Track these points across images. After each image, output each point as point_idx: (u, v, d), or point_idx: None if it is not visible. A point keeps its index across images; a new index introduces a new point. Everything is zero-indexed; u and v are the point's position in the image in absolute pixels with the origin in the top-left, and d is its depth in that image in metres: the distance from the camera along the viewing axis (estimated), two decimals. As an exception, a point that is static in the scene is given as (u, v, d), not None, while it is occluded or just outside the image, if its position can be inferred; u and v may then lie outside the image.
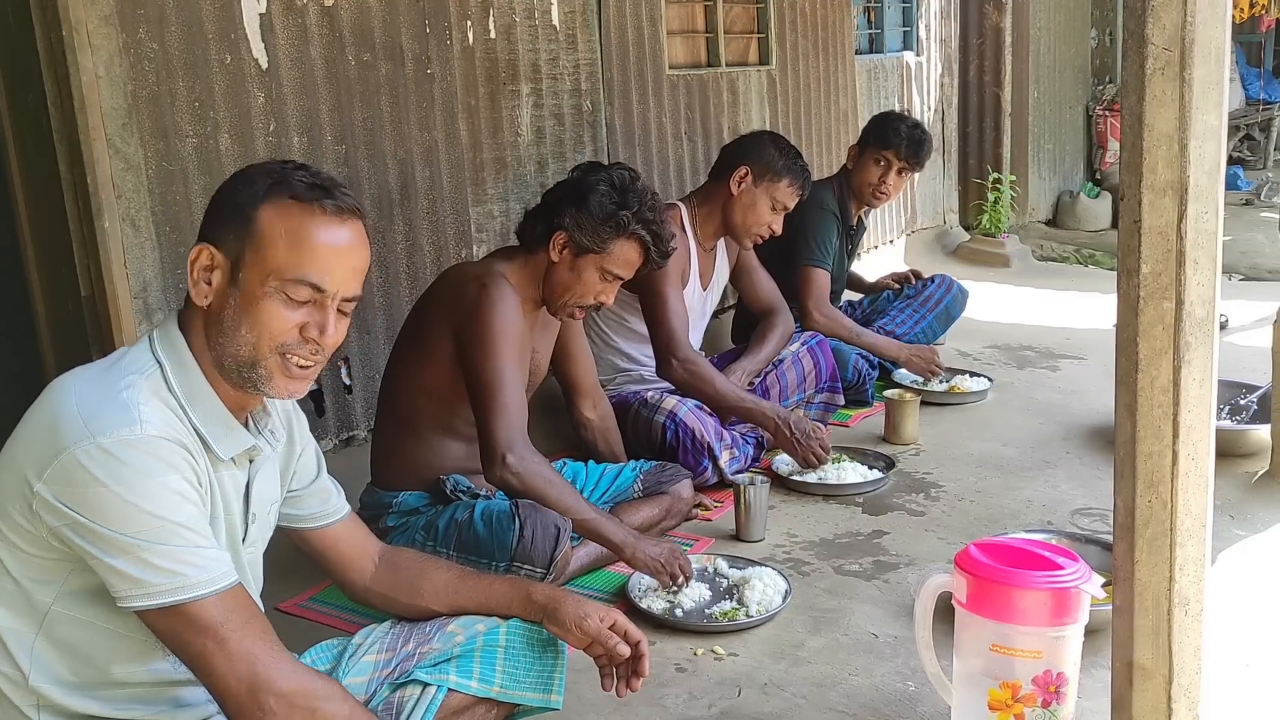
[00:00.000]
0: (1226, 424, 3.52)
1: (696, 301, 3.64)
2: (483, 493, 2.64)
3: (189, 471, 1.44)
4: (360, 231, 1.57)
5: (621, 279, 2.73)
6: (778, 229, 3.60)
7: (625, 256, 2.69)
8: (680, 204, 3.63)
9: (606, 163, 2.85)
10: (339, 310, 1.54)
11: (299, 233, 1.49)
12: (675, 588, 2.56)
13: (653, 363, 3.42)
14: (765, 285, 3.87)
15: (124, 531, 1.37)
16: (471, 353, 2.55)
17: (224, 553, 1.47)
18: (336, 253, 1.52)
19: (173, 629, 1.41)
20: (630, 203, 2.66)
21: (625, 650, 1.78)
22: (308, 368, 1.55)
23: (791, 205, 3.59)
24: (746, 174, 3.52)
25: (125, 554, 1.37)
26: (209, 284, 1.52)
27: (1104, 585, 2.00)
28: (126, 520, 1.37)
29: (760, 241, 3.63)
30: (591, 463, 3.03)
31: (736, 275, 3.87)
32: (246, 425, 1.61)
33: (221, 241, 1.51)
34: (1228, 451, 3.32)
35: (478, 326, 2.54)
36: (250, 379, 1.53)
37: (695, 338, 3.68)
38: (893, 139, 4.16)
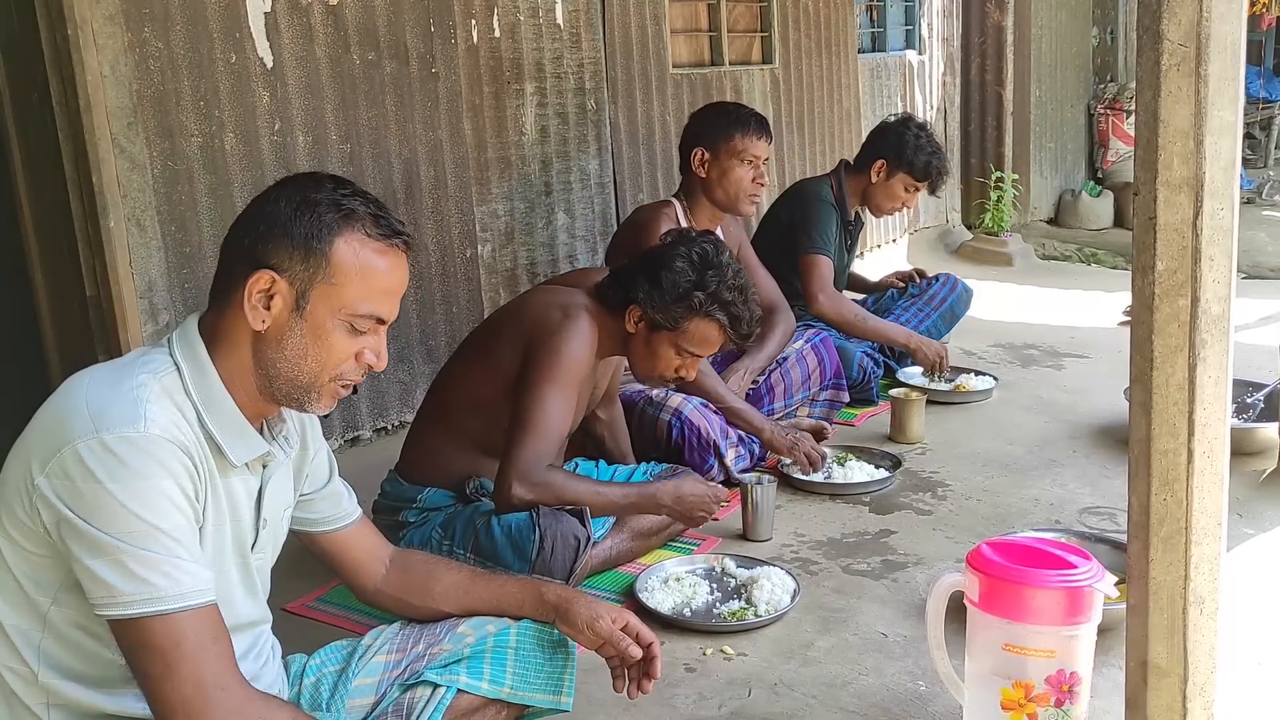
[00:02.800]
0: (1234, 422, 3.51)
1: None
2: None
3: (185, 478, 1.42)
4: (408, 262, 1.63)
5: (700, 356, 2.66)
6: (763, 181, 3.57)
7: (702, 335, 2.61)
8: (674, 200, 3.62)
9: (693, 232, 2.76)
10: None
11: (372, 270, 1.54)
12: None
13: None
14: (765, 283, 3.86)
15: (109, 531, 1.35)
16: (530, 374, 2.51)
17: (203, 569, 1.43)
18: (400, 288, 1.59)
19: (129, 640, 1.39)
20: (708, 281, 2.56)
21: (637, 652, 1.77)
22: (348, 386, 1.60)
23: (762, 152, 3.55)
24: (702, 153, 3.53)
25: (105, 556, 1.35)
26: (267, 309, 1.52)
27: (1116, 584, 2.00)
28: (114, 519, 1.35)
29: (757, 200, 3.60)
30: (603, 464, 3.02)
31: None
32: (261, 432, 1.61)
33: (285, 269, 1.51)
34: (1235, 450, 3.26)
35: (546, 354, 2.50)
36: (299, 399, 1.57)
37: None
38: (932, 173, 4.18)
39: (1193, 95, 1.48)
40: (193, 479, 1.45)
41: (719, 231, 3.71)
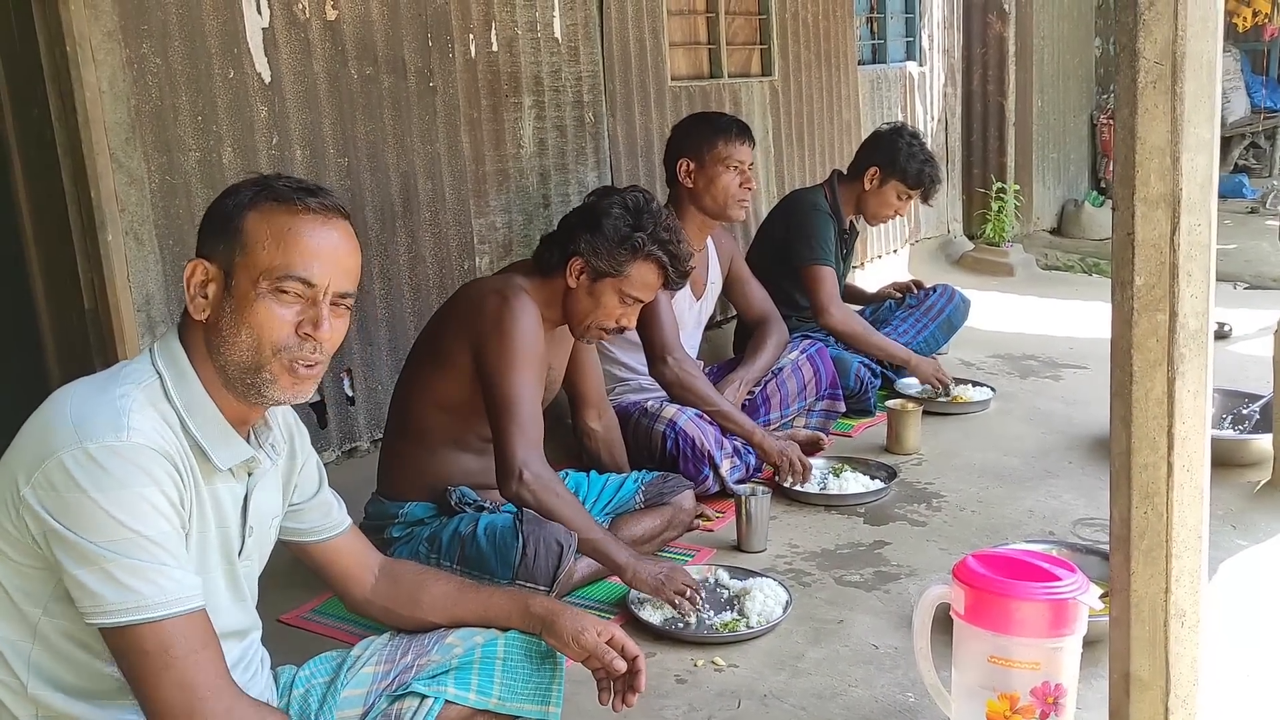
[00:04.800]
0: (1229, 433, 3.52)
1: (688, 310, 3.63)
2: (488, 505, 2.64)
3: (169, 485, 1.44)
4: (346, 230, 1.59)
5: (641, 301, 2.74)
6: (751, 185, 3.58)
7: (643, 279, 2.70)
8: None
9: (620, 187, 2.86)
10: (333, 307, 1.56)
11: (284, 231, 1.53)
12: (677, 607, 2.52)
13: (652, 371, 3.42)
14: (757, 295, 3.88)
15: (94, 540, 1.37)
16: (491, 367, 2.55)
17: (190, 575, 1.45)
18: (323, 248, 1.54)
19: (121, 647, 1.41)
20: (645, 224, 2.67)
21: (621, 665, 1.78)
22: (312, 367, 1.56)
23: (746, 157, 3.55)
24: (687, 164, 3.54)
25: (91, 565, 1.37)
26: (205, 297, 1.54)
27: (1102, 596, 2.01)
28: (99, 528, 1.37)
29: (746, 204, 3.60)
30: (594, 473, 3.04)
31: (729, 287, 3.87)
32: (247, 439, 1.62)
33: (213, 254, 1.54)
34: (1230, 461, 3.32)
35: (499, 341, 2.55)
36: (255, 385, 1.54)
37: (691, 349, 3.68)
38: (924, 180, 4.21)
39: (1169, 113, 1.50)
40: (177, 486, 1.46)
41: (710, 243, 3.73)
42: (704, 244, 3.68)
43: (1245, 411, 3.62)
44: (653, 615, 2.57)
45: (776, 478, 3.35)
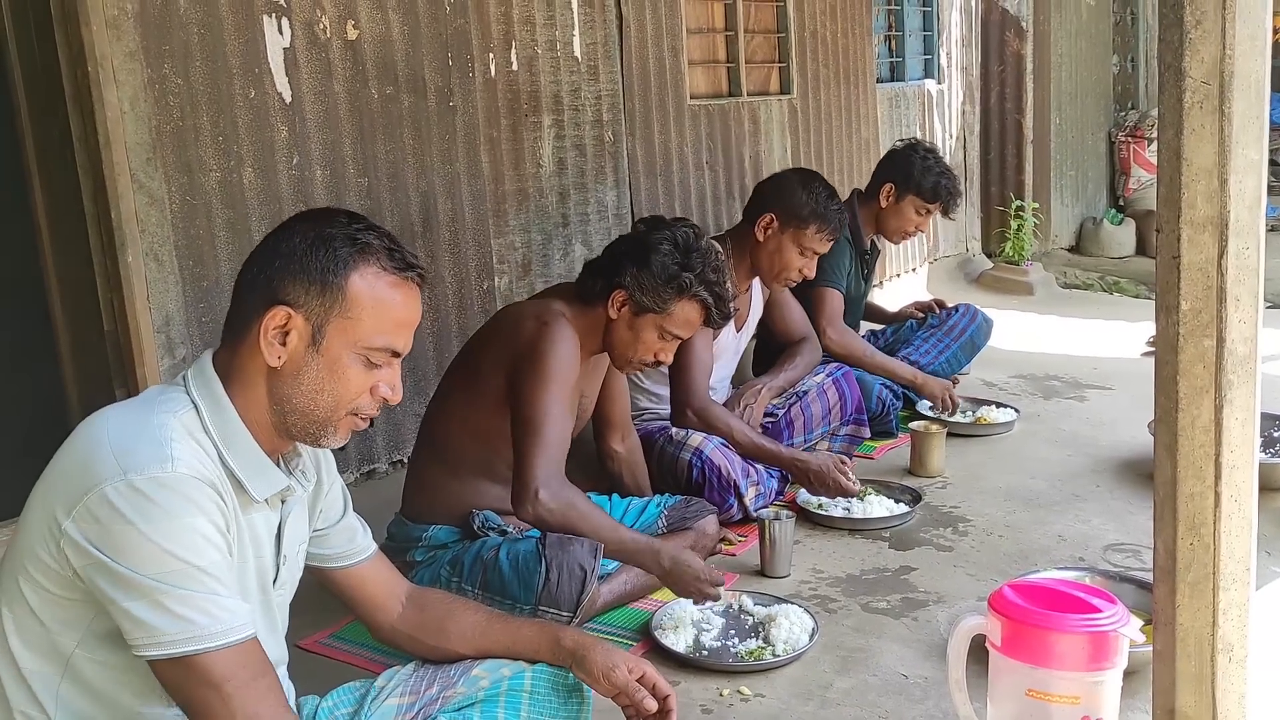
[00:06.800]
0: (1260, 457, 3.45)
1: (730, 342, 3.61)
2: (511, 530, 2.61)
3: (216, 514, 1.43)
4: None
5: (680, 338, 2.69)
6: (810, 273, 3.54)
7: (685, 317, 2.65)
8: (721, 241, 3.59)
9: (670, 219, 2.82)
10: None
11: (388, 304, 1.54)
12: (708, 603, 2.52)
13: (679, 400, 3.39)
14: (796, 316, 3.86)
15: (145, 573, 1.35)
16: (522, 386, 2.51)
17: (241, 603, 1.44)
18: (414, 319, 1.59)
19: (178, 679, 1.40)
20: (693, 264, 2.61)
21: (652, 705, 1.75)
22: (367, 418, 1.60)
23: (823, 250, 3.52)
24: (772, 221, 3.49)
25: (143, 597, 1.36)
26: (283, 344, 1.52)
27: (1142, 627, 1.96)
28: (149, 561, 1.35)
29: (790, 286, 3.59)
30: (616, 497, 3.00)
31: (768, 310, 3.84)
32: (278, 465, 1.60)
33: (301, 305, 1.51)
34: (1261, 486, 3.23)
35: (533, 361, 2.51)
36: (315, 434, 1.57)
37: (725, 377, 3.65)
38: (941, 193, 4.16)
39: (1216, 133, 1.47)
40: (223, 514, 1.46)
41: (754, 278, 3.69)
42: (749, 284, 3.65)
43: (1276, 434, 3.56)
44: (676, 642, 2.52)
45: (799, 500, 3.30)
